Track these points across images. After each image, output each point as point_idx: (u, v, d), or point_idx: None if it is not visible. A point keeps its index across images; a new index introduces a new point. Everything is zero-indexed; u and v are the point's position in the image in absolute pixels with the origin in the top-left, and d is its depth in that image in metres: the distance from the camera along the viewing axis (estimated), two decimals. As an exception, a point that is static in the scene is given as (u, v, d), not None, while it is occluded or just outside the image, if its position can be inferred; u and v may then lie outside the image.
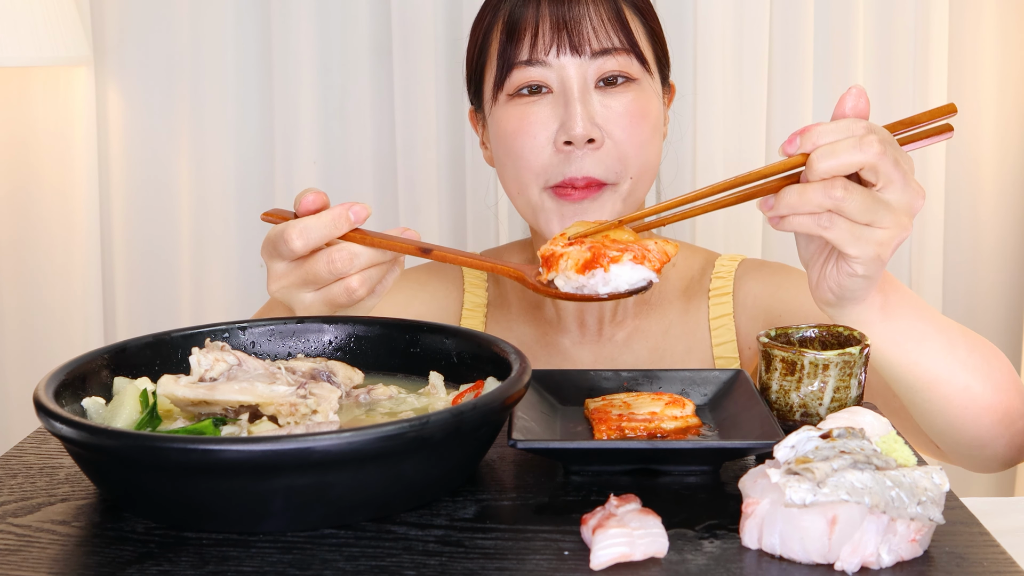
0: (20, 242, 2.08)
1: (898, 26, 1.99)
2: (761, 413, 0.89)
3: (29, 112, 2.05)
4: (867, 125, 0.91)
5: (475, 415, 0.78)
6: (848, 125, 0.91)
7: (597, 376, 1.01)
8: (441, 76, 1.99)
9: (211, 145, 2.06)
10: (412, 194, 2.03)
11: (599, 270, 0.93)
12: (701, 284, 1.40)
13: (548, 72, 1.22)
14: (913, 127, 0.98)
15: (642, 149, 1.24)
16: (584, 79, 1.22)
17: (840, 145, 0.90)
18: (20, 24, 1.80)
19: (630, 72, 1.24)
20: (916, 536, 0.71)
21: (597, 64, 1.22)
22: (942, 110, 0.98)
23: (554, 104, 1.23)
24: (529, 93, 1.23)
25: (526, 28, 1.23)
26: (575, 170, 1.21)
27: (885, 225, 0.92)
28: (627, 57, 1.23)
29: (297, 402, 0.84)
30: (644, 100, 1.24)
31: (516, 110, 1.24)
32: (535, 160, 1.23)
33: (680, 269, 1.41)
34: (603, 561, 0.70)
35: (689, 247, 1.44)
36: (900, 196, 0.92)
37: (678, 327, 1.38)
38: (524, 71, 1.23)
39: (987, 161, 2.06)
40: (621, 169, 1.23)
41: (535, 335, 1.38)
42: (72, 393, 0.87)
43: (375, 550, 0.74)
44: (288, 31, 1.99)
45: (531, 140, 1.23)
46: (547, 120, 1.22)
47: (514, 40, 1.23)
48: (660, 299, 1.38)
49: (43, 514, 0.80)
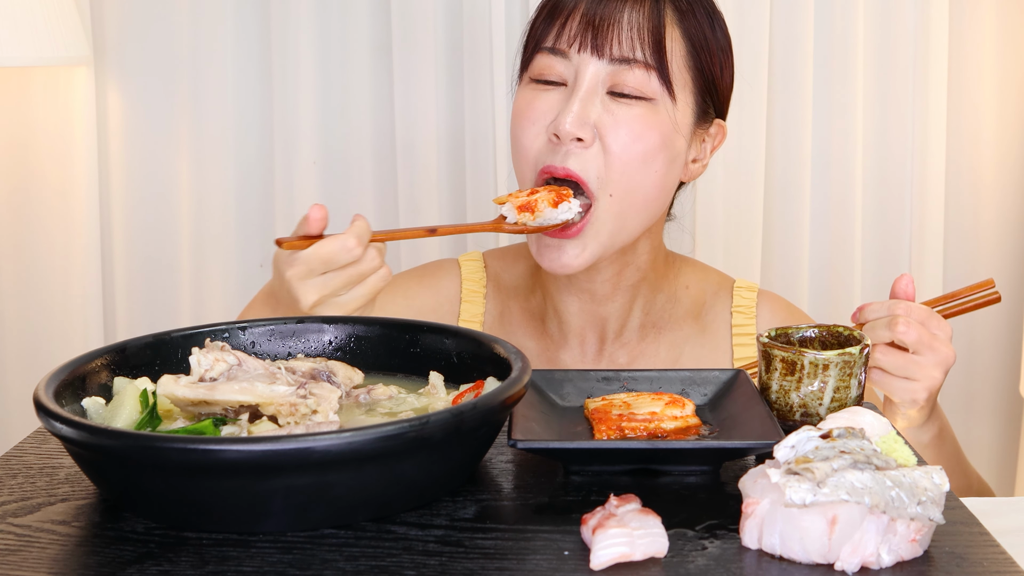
0: (20, 242, 2.08)
1: (898, 26, 1.99)
2: (761, 413, 0.89)
3: (29, 112, 2.05)
4: (905, 307, 1.14)
5: (475, 415, 0.78)
6: (890, 306, 1.14)
7: (597, 376, 1.01)
8: (441, 75, 1.99)
9: (211, 145, 2.05)
10: (412, 194, 2.03)
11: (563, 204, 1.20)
12: (717, 314, 1.38)
13: (567, 66, 1.22)
14: (956, 299, 1.26)
15: (631, 165, 1.20)
16: (596, 81, 1.21)
17: (877, 323, 1.14)
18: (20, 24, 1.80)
19: (644, 91, 1.20)
20: (916, 536, 0.71)
21: (614, 70, 1.20)
22: (982, 285, 1.27)
23: (561, 97, 1.22)
24: (545, 84, 1.24)
25: (559, 16, 1.23)
26: (559, 160, 1.20)
27: (917, 378, 1.14)
28: (647, 73, 1.20)
29: (297, 402, 0.84)
30: (654, 121, 1.21)
31: (530, 94, 1.25)
32: (530, 145, 1.23)
33: (692, 292, 1.38)
34: (603, 561, 0.70)
35: (701, 268, 1.42)
36: (928, 358, 1.14)
37: (691, 358, 1.36)
38: (546, 58, 1.23)
39: (987, 161, 2.06)
40: (603, 176, 1.20)
41: (536, 349, 1.36)
42: (72, 393, 0.87)
43: (375, 550, 0.74)
44: (288, 31, 1.99)
45: (531, 126, 1.23)
46: (548, 111, 1.22)
47: (547, 24, 1.24)
48: (669, 321, 1.36)
49: (43, 514, 0.80)
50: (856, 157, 2.00)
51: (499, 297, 1.40)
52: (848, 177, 2.01)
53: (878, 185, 2.05)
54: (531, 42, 1.26)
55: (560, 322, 1.35)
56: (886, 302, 1.15)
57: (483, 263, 1.42)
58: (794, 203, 2.01)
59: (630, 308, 1.34)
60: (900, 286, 1.19)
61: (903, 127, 2.02)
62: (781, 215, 2.02)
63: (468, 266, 1.41)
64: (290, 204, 2.03)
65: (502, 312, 1.39)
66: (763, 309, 1.38)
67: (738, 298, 1.38)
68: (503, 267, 1.42)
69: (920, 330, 1.13)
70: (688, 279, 1.39)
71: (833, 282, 2.05)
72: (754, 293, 1.39)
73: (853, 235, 2.02)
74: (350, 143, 2.05)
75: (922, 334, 1.13)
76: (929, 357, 1.14)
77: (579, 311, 1.33)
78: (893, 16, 1.99)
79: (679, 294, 1.37)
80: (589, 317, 1.33)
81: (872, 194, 2.05)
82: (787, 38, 1.97)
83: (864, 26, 1.99)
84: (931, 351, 1.14)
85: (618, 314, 1.33)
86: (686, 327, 1.36)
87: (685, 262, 1.41)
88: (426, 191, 2.02)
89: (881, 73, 2.01)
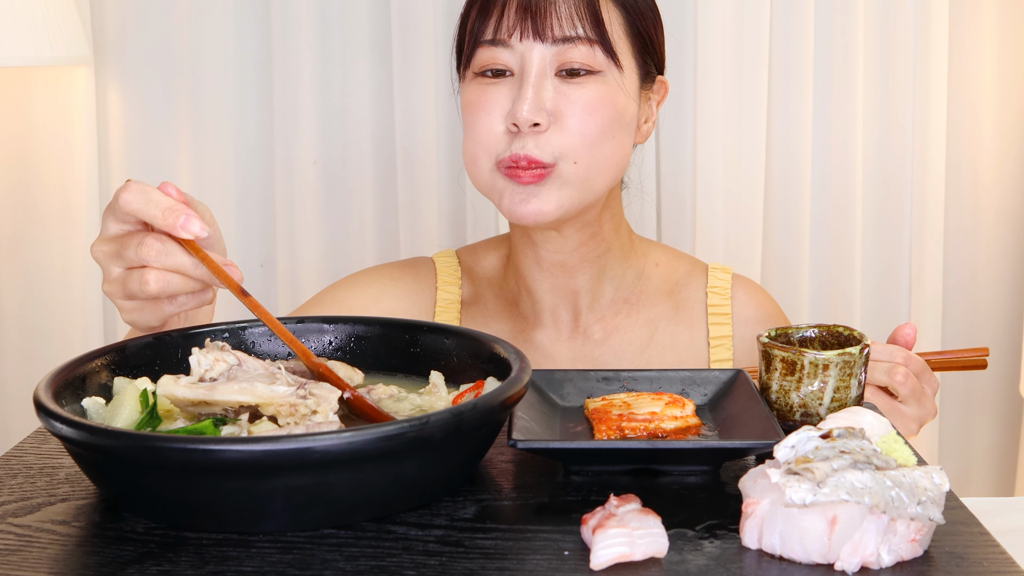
0: (20, 242, 2.08)
1: (898, 26, 1.99)
2: (761, 413, 0.89)
3: (29, 112, 2.05)
4: (906, 356, 1.18)
5: (475, 415, 0.78)
6: (891, 352, 1.18)
7: (597, 376, 1.01)
8: (441, 76, 1.99)
9: (211, 145, 2.05)
10: (412, 194, 2.03)
11: None
12: (691, 293, 1.41)
13: (511, 55, 1.24)
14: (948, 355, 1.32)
15: (591, 139, 1.23)
16: (543, 65, 1.23)
17: (877, 366, 1.18)
18: (20, 24, 1.80)
19: (592, 64, 1.23)
20: (916, 536, 0.71)
21: (559, 51, 1.23)
22: (976, 351, 1.32)
23: (512, 86, 1.24)
24: (492, 75, 1.25)
25: (494, 8, 1.24)
26: (518, 147, 1.22)
27: (895, 425, 1.13)
28: (591, 48, 1.23)
29: (297, 402, 0.84)
30: (606, 93, 1.24)
31: (478, 88, 1.26)
32: (487, 136, 1.24)
33: (663, 270, 1.41)
34: (603, 561, 0.70)
35: (669, 249, 1.46)
36: (912, 410, 1.19)
37: (666, 336, 1.39)
38: (488, 51, 1.25)
39: (987, 161, 2.06)
40: (561, 153, 1.23)
41: (511, 331, 1.39)
42: (72, 393, 0.87)
43: (375, 550, 0.74)
44: (288, 31, 1.99)
45: (486, 117, 1.24)
46: (503, 100, 1.24)
47: (483, 18, 1.25)
48: (641, 297, 1.39)
49: (43, 514, 0.80)
50: (856, 157, 2.00)
51: (473, 285, 1.43)
52: (848, 177, 2.01)
53: (878, 185, 2.05)
54: (469, 38, 1.27)
55: (533, 301, 1.38)
56: (889, 347, 1.19)
57: (456, 258, 1.46)
58: (794, 203, 2.01)
59: (599, 281, 1.37)
60: (902, 334, 1.23)
61: (903, 127, 2.02)
62: (781, 215, 2.02)
63: (442, 260, 1.45)
64: (290, 204, 2.03)
65: (477, 298, 1.42)
66: (739, 292, 1.42)
67: (713, 279, 1.42)
68: (475, 260, 1.45)
69: (915, 383, 1.18)
70: (657, 257, 1.43)
71: (833, 282, 2.05)
72: (728, 275, 1.43)
73: (853, 235, 2.02)
74: (350, 143, 2.05)
75: (915, 387, 1.18)
76: (914, 409, 1.20)
77: (551, 288, 1.36)
78: (893, 16, 1.99)
79: (648, 271, 1.40)
80: (561, 293, 1.36)
81: (872, 194, 2.05)
82: (787, 38, 1.97)
83: (864, 26, 1.99)
84: (918, 404, 1.19)
85: (588, 287, 1.36)
86: (660, 305, 1.39)
87: (652, 244, 1.45)
88: (426, 191, 2.02)
89: (881, 73, 2.01)
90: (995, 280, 2.08)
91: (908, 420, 1.20)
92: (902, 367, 1.18)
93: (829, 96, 2.00)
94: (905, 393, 1.18)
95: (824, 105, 2.01)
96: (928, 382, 1.21)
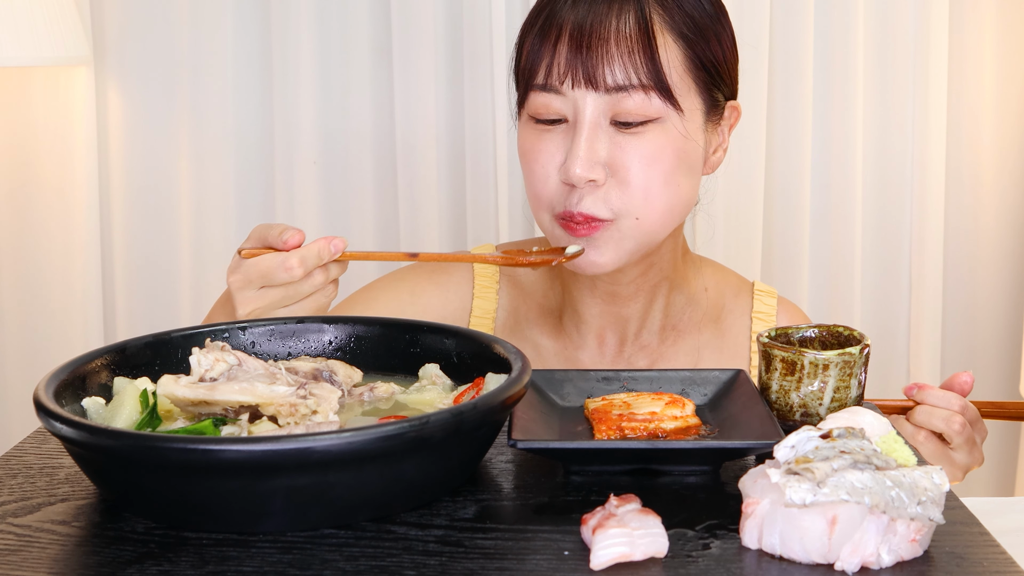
0: (20, 242, 2.08)
1: (898, 26, 1.99)
2: (761, 413, 0.89)
3: (29, 112, 2.05)
4: (962, 404, 1.19)
5: (475, 415, 0.78)
6: (950, 400, 1.19)
7: (597, 376, 1.01)
8: (441, 76, 1.99)
9: (211, 145, 2.05)
10: (412, 194, 2.03)
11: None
12: (736, 320, 1.36)
13: (564, 103, 1.17)
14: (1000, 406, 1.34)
15: (652, 193, 1.17)
16: (597, 115, 1.16)
17: (936, 412, 1.19)
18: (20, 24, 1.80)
19: (647, 113, 1.16)
20: (916, 536, 0.71)
21: (612, 100, 1.15)
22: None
23: (565, 135, 1.18)
24: (546, 123, 1.19)
25: (547, 42, 1.17)
26: (573, 203, 1.17)
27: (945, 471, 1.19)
28: (646, 95, 1.15)
29: (297, 402, 0.84)
30: (666, 141, 1.17)
31: (533, 134, 1.20)
32: (543, 188, 1.20)
33: (711, 295, 1.36)
34: (603, 561, 0.70)
35: (720, 269, 1.40)
36: (961, 457, 1.20)
37: (710, 363, 1.33)
38: (541, 96, 1.18)
39: (987, 162, 2.06)
40: (621, 207, 1.17)
41: (554, 348, 1.33)
42: (72, 393, 0.87)
43: (375, 550, 0.74)
44: (288, 31, 1.99)
45: (540, 168, 1.19)
46: (555, 152, 1.18)
47: (537, 51, 1.18)
48: (689, 324, 1.34)
49: (43, 514, 0.80)
50: (856, 158, 2.00)
51: (513, 293, 1.36)
52: (848, 178, 2.01)
53: (878, 186, 2.05)
54: (523, 75, 1.21)
55: (579, 322, 1.32)
56: (947, 394, 1.20)
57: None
58: (794, 203, 2.01)
59: (650, 309, 1.31)
60: (958, 382, 1.23)
61: (903, 127, 2.02)
62: (781, 215, 2.02)
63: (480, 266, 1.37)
64: (290, 204, 2.03)
65: (516, 308, 1.36)
66: (782, 319, 1.36)
67: (758, 303, 1.36)
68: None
69: (970, 432, 1.19)
70: (707, 281, 1.37)
71: (833, 282, 2.05)
72: (774, 300, 1.37)
73: (853, 235, 2.02)
74: (350, 143, 2.05)
75: (969, 437, 1.19)
76: (963, 457, 1.21)
77: (600, 313, 1.31)
78: (893, 17, 1.99)
79: (698, 296, 1.35)
80: (610, 318, 1.31)
81: (872, 195, 2.05)
82: (787, 39, 1.97)
83: (864, 27, 1.99)
84: (968, 453, 1.20)
85: (639, 315, 1.31)
86: (706, 331, 1.34)
87: (704, 262, 1.39)
88: (426, 191, 2.02)
89: (881, 74, 2.01)
90: (995, 280, 2.08)
91: (956, 468, 1.20)
92: (959, 416, 1.18)
93: (829, 96, 2.00)
94: (960, 442, 1.19)
95: (824, 105, 2.01)
96: (980, 431, 1.21)
